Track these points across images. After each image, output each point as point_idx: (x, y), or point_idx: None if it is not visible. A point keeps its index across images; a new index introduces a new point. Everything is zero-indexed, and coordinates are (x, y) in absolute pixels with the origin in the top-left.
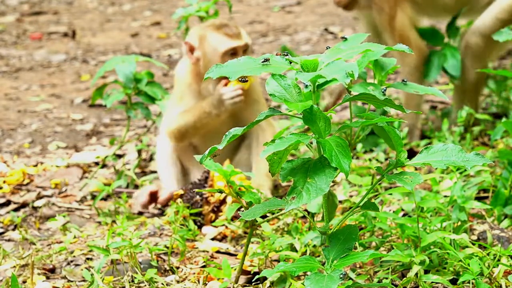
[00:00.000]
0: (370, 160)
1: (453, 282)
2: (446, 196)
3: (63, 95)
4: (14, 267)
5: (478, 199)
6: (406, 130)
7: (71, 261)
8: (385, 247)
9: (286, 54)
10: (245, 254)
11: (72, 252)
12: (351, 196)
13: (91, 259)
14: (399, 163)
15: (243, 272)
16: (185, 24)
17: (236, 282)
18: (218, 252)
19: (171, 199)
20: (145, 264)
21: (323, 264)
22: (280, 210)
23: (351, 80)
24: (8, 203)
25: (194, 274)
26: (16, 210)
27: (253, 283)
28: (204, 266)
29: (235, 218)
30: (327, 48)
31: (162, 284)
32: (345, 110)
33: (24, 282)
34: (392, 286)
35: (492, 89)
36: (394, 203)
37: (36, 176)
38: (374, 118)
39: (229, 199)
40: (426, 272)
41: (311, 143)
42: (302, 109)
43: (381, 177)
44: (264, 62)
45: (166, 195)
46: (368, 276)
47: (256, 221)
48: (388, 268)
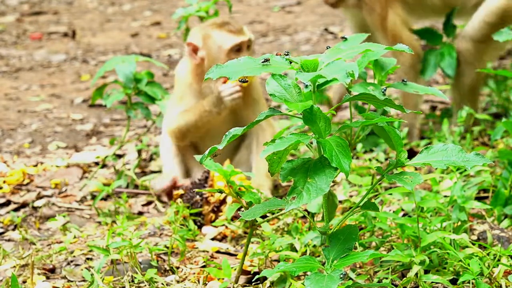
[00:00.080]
0: (370, 160)
1: (453, 282)
2: (446, 196)
3: (63, 95)
4: (14, 267)
5: (478, 199)
6: (406, 130)
7: (71, 261)
8: (385, 247)
9: (286, 54)
10: (245, 254)
11: (72, 252)
12: (351, 196)
13: (91, 259)
14: (399, 163)
15: (243, 272)
16: (185, 24)
17: (236, 282)
18: (218, 252)
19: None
20: (145, 264)
21: (323, 264)
22: (280, 210)
23: (351, 80)
24: (8, 203)
25: (194, 274)
26: (16, 210)
27: (253, 283)
28: (204, 266)
29: (235, 218)
30: (327, 48)
31: (162, 284)
32: (345, 110)
33: (24, 282)
34: (392, 286)
35: (492, 89)
36: (394, 203)
37: (36, 176)
38: (374, 118)
39: (229, 199)
40: (426, 272)
41: (311, 143)
42: (302, 109)
43: (381, 177)
44: (264, 62)
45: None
46: (368, 276)
47: (256, 221)
48: (388, 268)
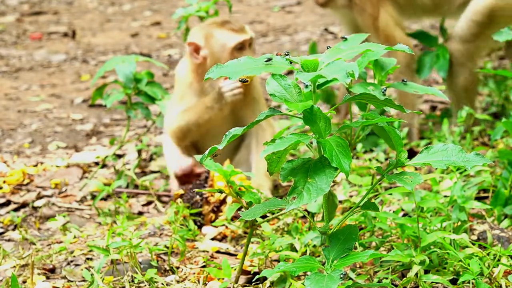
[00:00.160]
0: (370, 160)
1: (453, 282)
2: (446, 196)
3: (63, 95)
4: (14, 267)
5: (478, 199)
6: (406, 130)
7: (71, 261)
8: (385, 247)
9: (286, 54)
10: (245, 254)
11: (72, 252)
12: (351, 196)
13: (91, 259)
14: (399, 163)
15: (243, 272)
16: (185, 24)
17: (236, 282)
18: (218, 252)
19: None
20: (145, 264)
21: (323, 264)
22: (280, 210)
23: (351, 80)
24: (8, 203)
25: (194, 274)
26: (16, 210)
27: (253, 283)
28: (204, 266)
29: (235, 218)
30: (327, 48)
31: (162, 284)
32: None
33: (24, 282)
34: (392, 286)
35: (492, 89)
36: (394, 203)
37: (36, 176)
38: (374, 118)
39: (229, 199)
40: (426, 272)
41: (311, 143)
42: (302, 109)
43: (381, 177)
44: (266, 61)
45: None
46: (368, 276)
47: (256, 221)
48: (388, 268)
